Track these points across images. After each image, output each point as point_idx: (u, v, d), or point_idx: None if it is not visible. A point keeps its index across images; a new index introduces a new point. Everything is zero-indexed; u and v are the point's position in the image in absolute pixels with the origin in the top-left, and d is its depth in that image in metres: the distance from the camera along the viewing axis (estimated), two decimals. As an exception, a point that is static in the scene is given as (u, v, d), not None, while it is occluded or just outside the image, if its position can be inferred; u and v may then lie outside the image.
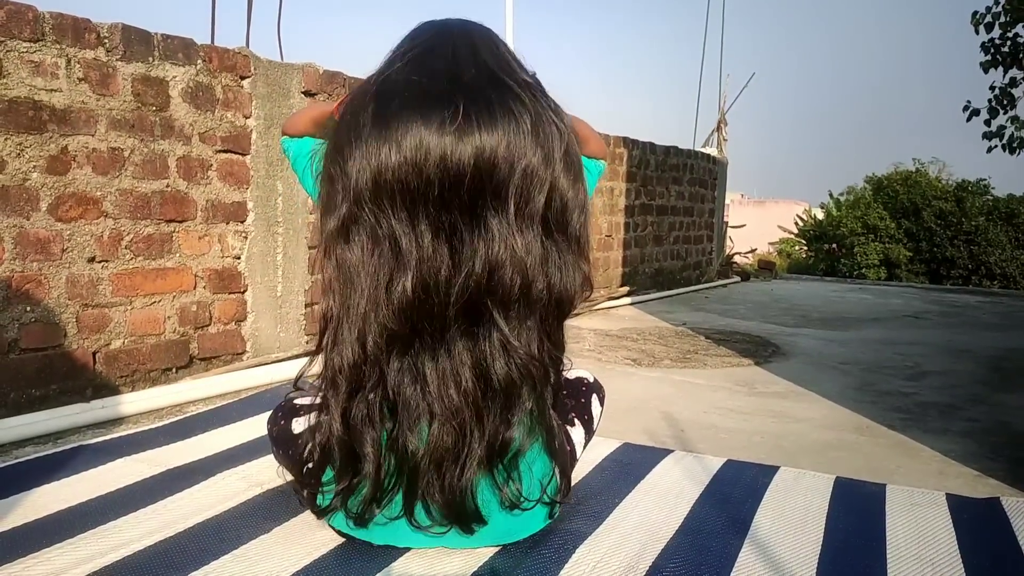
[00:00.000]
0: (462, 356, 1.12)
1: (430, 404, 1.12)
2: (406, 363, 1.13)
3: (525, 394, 1.15)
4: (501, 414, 1.14)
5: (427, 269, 1.08)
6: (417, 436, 1.13)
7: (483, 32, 1.20)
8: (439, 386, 1.12)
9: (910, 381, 2.82)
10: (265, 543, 1.26)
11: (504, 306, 1.11)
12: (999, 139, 6.78)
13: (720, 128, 7.02)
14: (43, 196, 1.98)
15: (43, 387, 2.01)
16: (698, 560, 1.25)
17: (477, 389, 1.12)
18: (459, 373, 1.12)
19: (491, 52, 1.16)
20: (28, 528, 1.30)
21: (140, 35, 2.20)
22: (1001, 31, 6.36)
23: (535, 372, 1.14)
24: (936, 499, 1.56)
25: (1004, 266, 12.67)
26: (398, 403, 1.13)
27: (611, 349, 3.28)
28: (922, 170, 15.03)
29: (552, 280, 1.13)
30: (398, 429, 1.14)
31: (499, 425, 1.14)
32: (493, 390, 1.13)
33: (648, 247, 5.51)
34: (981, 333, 4.14)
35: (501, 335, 1.12)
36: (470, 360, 1.12)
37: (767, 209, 22.64)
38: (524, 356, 1.12)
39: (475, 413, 1.12)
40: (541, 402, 1.17)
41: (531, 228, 1.10)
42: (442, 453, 1.13)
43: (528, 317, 1.13)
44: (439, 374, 1.12)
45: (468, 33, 1.18)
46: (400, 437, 1.14)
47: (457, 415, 1.12)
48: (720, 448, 1.92)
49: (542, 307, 1.14)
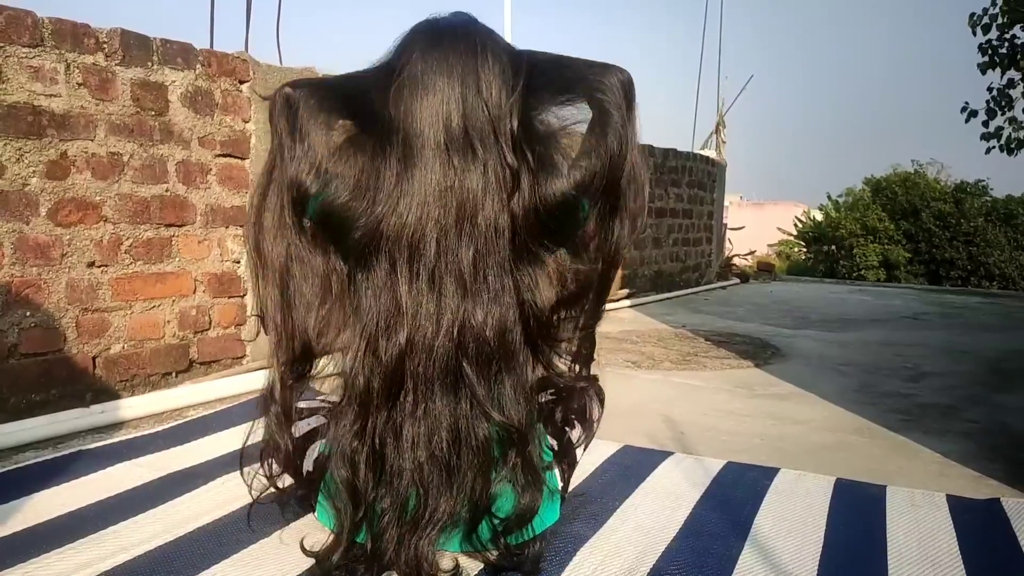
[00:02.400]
0: (441, 418, 1.11)
1: (402, 464, 1.11)
2: (393, 416, 1.11)
3: (510, 455, 1.13)
4: (476, 478, 1.12)
5: (418, 324, 1.09)
6: (391, 495, 1.12)
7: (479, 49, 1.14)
8: (412, 447, 1.10)
9: (910, 382, 2.82)
10: (265, 547, 1.26)
11: (484, 364, 1.11)
12: (997, 140, 6.79)
13: (719, 130, 7.03)
14: (42, 201, 1.98)
15: (43, 392, 2.01)
16: (699, 562, 1.25)
17: (452, 453, 1.10)
18: (434, 434, 1.10)
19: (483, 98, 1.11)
20: (29, 533, 1.30)
21: (139, 40, 2.20)
22: (998, 32, 6.38)
23: (516, 439, 1.12)
24: (937, 500, 1.56)
25: (1003, 267, 12.69)
26: (383, 456, 1.12)
27: (610, 352, 3.28)
28: (921, 171, 15.06)
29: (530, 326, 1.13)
30: (374, 484, 1.12)
31: (476, 488, 1.12)
32: (471, 452, 1.11)
33: (647, 249, 5.51)
34: (980, 334, 4.14)
35: (479, 401, 1.10)
36: (447, 423, 1.11)
37: (766, 211, 22.64)
38: (504, 424, 1.11)
39: (445, 478, 1.11)
40: (530, 459, 1.15)
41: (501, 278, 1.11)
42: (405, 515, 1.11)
43: (510, 373, 1.12)
44: (414, 434, 1.10)
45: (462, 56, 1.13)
46: (374, 492, 1.12)
47: (424, 480, 1.10)
48: (720, 450, 1.91)
49: (522, 357, 1.13)
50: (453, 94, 1.10)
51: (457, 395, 1.11)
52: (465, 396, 1.11)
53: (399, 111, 1.12)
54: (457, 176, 1.10)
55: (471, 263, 1.10)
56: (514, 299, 1.12)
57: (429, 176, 1.10)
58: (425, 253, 1.10)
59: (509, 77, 1.14)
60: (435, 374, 1.10)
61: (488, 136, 1.11)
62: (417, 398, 1.10)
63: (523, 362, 1.15)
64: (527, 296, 1.14)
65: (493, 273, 1.11)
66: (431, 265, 1.10)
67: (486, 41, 1.16)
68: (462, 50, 1.13)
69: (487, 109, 1.11)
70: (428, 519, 1.11)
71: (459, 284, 1.10)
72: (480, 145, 1.11)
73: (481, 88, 1.11)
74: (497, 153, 1.11)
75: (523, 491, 1.15)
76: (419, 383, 1.10)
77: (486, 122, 1.11)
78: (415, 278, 1.10)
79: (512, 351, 1.12)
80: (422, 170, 1.10)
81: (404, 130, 1.11)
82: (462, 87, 1.11)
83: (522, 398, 1.14)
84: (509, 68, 1.15)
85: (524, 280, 1.14)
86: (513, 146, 1.12)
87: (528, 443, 1.15)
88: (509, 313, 1.11)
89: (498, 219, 1.11)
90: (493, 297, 1.11)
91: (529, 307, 1.14)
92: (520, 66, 1.16)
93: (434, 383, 1.10)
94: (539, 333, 1.16)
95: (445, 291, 1.10)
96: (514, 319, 1.12)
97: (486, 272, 1.11)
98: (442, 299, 1.10)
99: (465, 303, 1.10)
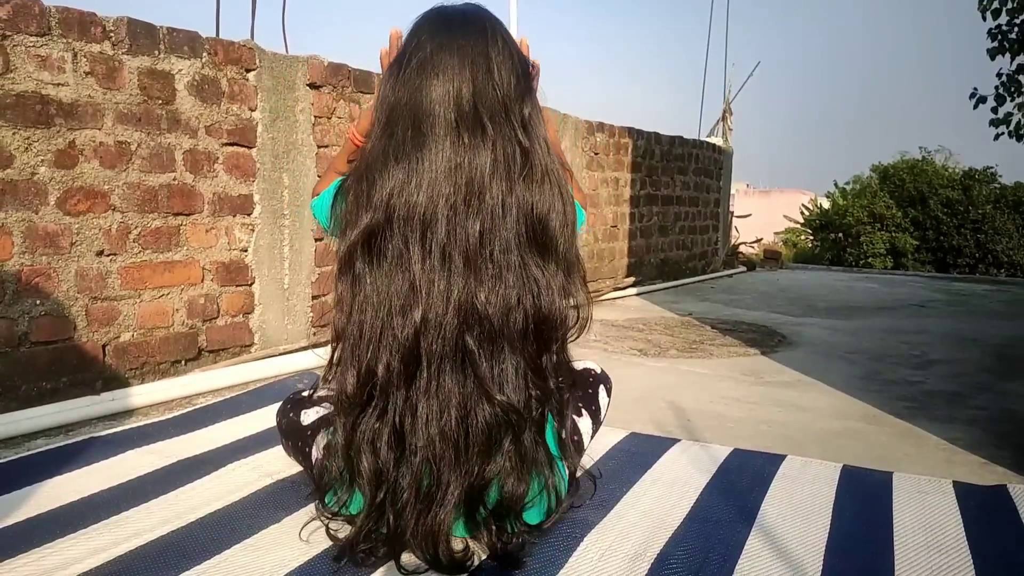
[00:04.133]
0: (451, 395, 1.11)
1: (417, 441, 1.12)
2: (411, 395, 1.12)
3: (506, 442, 1.14)
4: (480, 459, 1.12)
5: (431, 301, 1.09)
6: (409, 473, 1.13)
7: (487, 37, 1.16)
8: (426, 424, 1.11)
9: (917, 370, 2.82)
10: (275, 533, 1.27)
11: (486, 342, 1.11)
12: (1006, 126, 6.74)
13: (725, 118, 7.00)
14: (51, 190, 1.99)
15: (54, 380, 2.02)
16: (705, 548, 1.26)
17: (460, 431, 1.11)
18: (445, 413, 1.11)
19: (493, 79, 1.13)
20: (41, 519, 1.31)
21: (146, 28, 2.20)
22: (1008, 17, 6.32)
23: (514, 421, 1.13)
24: (943, 487, 1.57)
25: (1011, 254, 12.64)
26: (403, 435, 1.12)
27: (617, 339, 3.28)
28: (928, 158, 14.98)
29: (533, 306, 1.13)
30: (395, 463, 1.13)
31: (477, 469, 1.12)
32: (474, 433, 1.12)
33: (654, 237, 5.50)
34: (987, 321, 4.13)
35: (480, 379, 1.11)
36: (456, 400, 1.11)
37: (772, 199, 22.58)
38: (504, 404, 1.11)
39: (454, 456, 1.11)
40: (522, 447, 1.15)
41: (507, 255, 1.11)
42: (420, 493, 1.12)
43: (512, 353, 1.13)
44: (428, 411, 1.11)
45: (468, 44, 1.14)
46: (396, 472, 1.13)
47: (436, 456, 1.11)
48: (727, 437, 1.92)
49: (524, 338, 1.13)
50: (464, 73, 1.12)
51: (464, 373, 1.12)
52: (470, 375, 1.12)
53: (409, 93, 1.13)
54: (467, 154, 1.11)
55: (477, 239, 1.11)
56: (521, 279, 1.13)
57: (440, 155, 1.11)
58: (436, 231, 1.10)
59: (518, 62, 1.16)
60: (445, 351, 1.11)
61: (499, 114, 1.13)
62: (430, 375, 1.11)
63: (527, 345, 1.15)
64: (535, 275, 1.14)
65: (499, 249, 1.12)
66: (443, 242, 1.10)
67: (496, 25, 1.18)
68: (472, 32, 1.15)
69: (498, 89, 1.13)
70: (441, 496, 1.12)
71: (465, 261, 1.11)
72: (490, 123, 1.12)
73: (492, 69, 1.13)
74: (509, 132, 1.13)
75: (507, 477, 1.15)
76: (432, 360, 1.11)
77: (496, 101, 1.13)
78: (428, 255, 1.10)
79: (516, 332, 1.12)
80: (432, 149, 1.11)
81: (414, 111, 1.12)
82: (472, 67, 1.12)
83: (523, 381, 1.14)
84: (518, 54, 1.18)
85: (531, 262, 1.14)
86: (524, 126, 1.14)
87: (524, 429, 1.15)
88: (512, 293, 1.12)
89: (505, 199, 1.12)
90: (497, 274, 1.11)
91: (534, 288, 1.14)
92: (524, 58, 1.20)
93: (445, 360, 1.11)
94: (545, 317, 1.16)
95: (454, 268, 1.11)
96: (517, 300, 1.12)
97: (492, 250, 1.11)
98: (451, 276, 1.11)
99: (470, 280, 1.10)
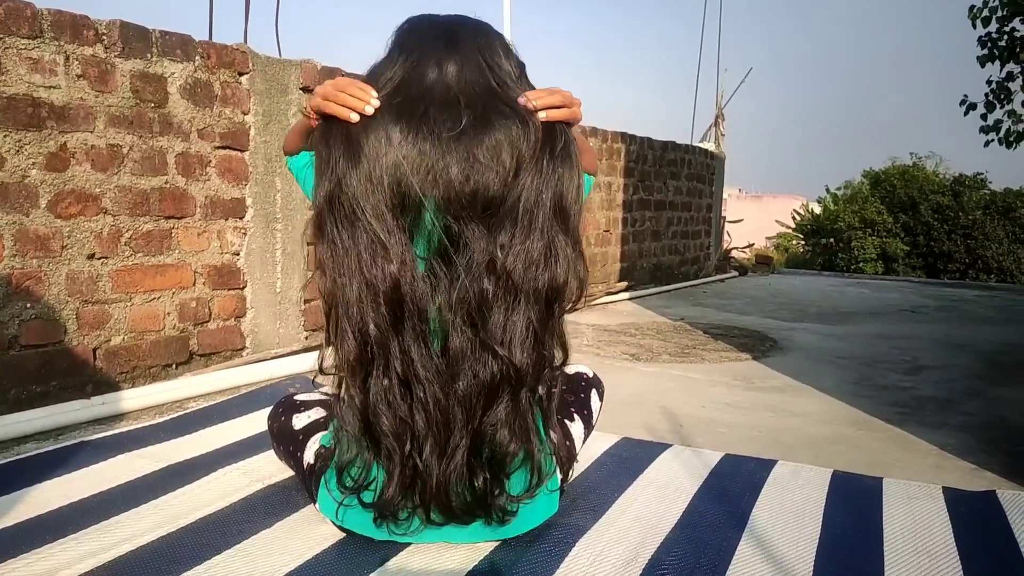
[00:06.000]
0: (452, 348, 1.12)
1: (420, 390, 1.13)
2: (404, 342, 1.12)
3: (506, 397, 1.14)
4: (483, 412, 1.14)
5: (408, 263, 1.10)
6: (423, 418, 1.13)
7: (472, 33, 1.19)
8: (432, 375, 1.12)
9: (907, 375, 2.83)
10: (267, 538, 1.27)
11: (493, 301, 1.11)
12: (996, 133, 6.79)
13: (718, 123, 7.02)
14: (42, 193, 1.98)
15: (44, 383, 2.01)
16: (697, 553, 1.26)
17: (469, 384, 1.12)
18: (450, 366, 1.12)
19: (478, 62, 1.16)
20: (30, 524, 1.31)
21: (138, 32, 2.20)
22: (998, 25, 6.37)
23: (512, 377, 1.13)
24: (933, 492, 1.57)
25: (1001, 260, 12.70)
26: (408, 383, 1.13)
27: (609, 344, 3.29)
28: (919, 164, 15.04)
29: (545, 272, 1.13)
30: (409, 411, 1.14)
31: (481, 421, 1.14)
32: (479, 386, 1.13)
33: (646, 242, 5.51)
34: (978, 327, 4.15)
35: (484, 335, 1.11)
36: (465, 352, 1.12)
37: (764, 204, 22.66)
38: (504, 359, 1.12)
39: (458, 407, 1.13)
40: (519, 405, 1.15)
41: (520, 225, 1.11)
42: (433, 441, 1.14)
43: (515, 311, 1.12)
44: (431, 364, 1.12)
45: (456, 39, 1.17)
46: (411, 420, 1.14)
47: (444, 409, 1.13)
48: (718, 442, 1.92)
49: (531, 302, 1.13)
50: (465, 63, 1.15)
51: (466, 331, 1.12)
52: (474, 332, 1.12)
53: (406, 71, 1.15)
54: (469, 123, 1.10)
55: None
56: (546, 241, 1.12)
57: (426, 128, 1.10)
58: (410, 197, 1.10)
59: (512, 53, 1.21)
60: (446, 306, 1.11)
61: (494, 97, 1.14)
62: (415, 322, 1.12)
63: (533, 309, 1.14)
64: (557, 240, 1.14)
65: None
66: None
67: (487, 26, 1.22)
68: (463, 26, 1.19)
69: (495, 73, 1.16)
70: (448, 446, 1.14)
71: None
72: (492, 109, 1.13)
73: (488, 54, 1.17)
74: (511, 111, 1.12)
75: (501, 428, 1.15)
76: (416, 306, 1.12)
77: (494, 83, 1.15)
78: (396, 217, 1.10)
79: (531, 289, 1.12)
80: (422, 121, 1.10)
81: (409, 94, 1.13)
82: (463, 55, 1.15)
83: (531, 345, 1.13)
84: (512, 48, 1.21)
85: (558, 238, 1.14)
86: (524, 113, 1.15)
87: (522, 387, 1.14)
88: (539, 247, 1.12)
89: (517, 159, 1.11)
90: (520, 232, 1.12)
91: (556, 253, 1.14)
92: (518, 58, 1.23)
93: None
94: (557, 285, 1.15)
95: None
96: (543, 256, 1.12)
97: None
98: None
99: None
